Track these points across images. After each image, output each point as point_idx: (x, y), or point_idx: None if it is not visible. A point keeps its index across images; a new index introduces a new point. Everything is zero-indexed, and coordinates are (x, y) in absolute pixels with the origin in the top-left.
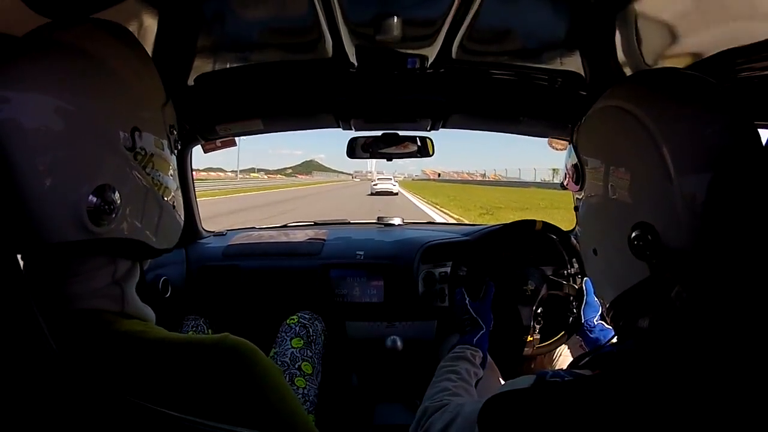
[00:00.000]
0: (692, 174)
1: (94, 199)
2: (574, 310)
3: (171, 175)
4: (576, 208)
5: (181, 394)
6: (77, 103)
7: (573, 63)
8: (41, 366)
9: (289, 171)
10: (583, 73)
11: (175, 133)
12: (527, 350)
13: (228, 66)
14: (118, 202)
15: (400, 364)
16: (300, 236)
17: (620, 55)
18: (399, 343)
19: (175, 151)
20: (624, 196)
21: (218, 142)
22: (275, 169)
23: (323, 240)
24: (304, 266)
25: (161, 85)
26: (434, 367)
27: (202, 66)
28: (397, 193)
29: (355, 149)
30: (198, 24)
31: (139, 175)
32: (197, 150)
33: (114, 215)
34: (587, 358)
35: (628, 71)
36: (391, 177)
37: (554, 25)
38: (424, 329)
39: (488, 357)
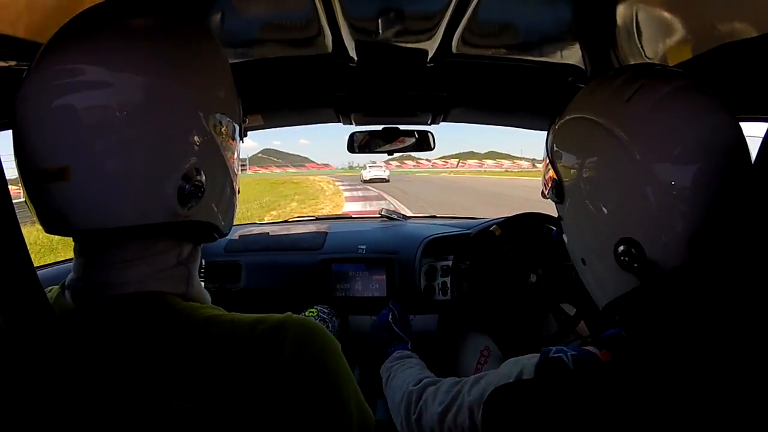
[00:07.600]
0: (673, 183)
1: (186, 183)
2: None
3: (237, 160)
4: (560, 217)
5: (252, 378)
6: (169, 85)
7: (574, 56)
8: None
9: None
10: (583, 66)
11: (247, 121)
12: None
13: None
14: (205, 185)
15: None
16: (302, 231)
17: (621, 48)
18: None
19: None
20: (605, 211)
21: None
22: None
23: (325, 234)
24: (306, 261)
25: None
26: (437, 360)
27: None
28: (388, 180)
29: (355, 144)
30: (197, 20)
31: (222, 159)
32: None
33: (200, 198)
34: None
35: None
36: (382, 165)
37: (554, 17)
38: (426, 323)
39: (496, 349)
